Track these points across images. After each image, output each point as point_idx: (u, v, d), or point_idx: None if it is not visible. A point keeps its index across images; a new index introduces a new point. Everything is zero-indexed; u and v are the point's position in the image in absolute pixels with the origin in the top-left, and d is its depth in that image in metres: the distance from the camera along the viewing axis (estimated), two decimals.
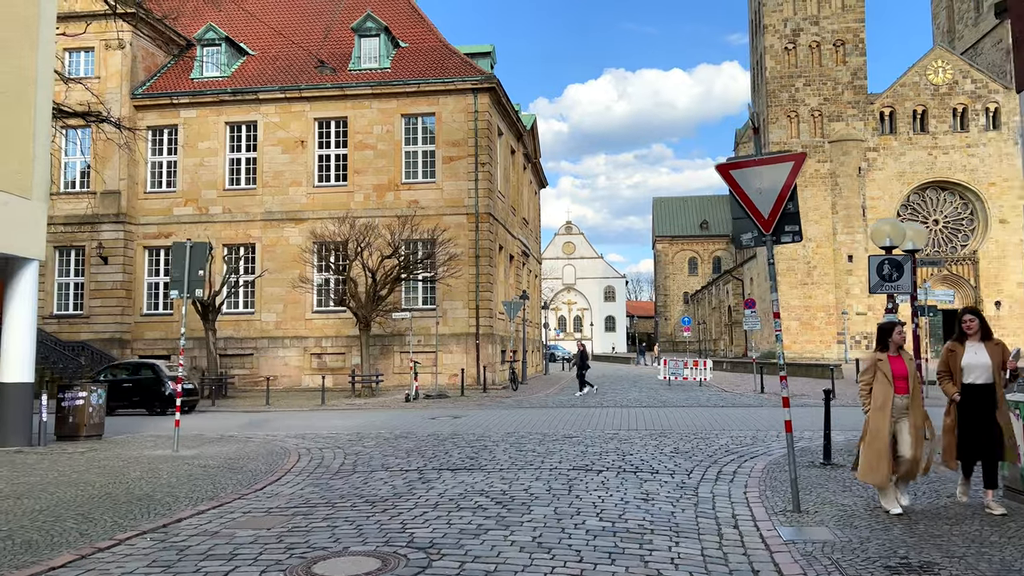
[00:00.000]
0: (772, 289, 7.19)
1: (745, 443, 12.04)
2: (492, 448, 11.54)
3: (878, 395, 6.74)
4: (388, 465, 10.13)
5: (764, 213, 7.24)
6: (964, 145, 61.52)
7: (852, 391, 24.45)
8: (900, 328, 6.94)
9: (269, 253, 28.80)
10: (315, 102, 29.12)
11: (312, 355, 28.39)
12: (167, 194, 29.80)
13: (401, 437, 13.50)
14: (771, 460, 10.13)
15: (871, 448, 6.66)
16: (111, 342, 28.57)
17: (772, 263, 7.30)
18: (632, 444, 11.85)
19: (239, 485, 8.89)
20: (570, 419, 16.55)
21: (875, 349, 7.04)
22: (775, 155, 7.26)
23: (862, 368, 6.98)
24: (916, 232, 12.04)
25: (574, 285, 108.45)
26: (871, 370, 6.90)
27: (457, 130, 28.33)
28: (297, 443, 12.89)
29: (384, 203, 28.21)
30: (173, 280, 12.48)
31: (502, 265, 31.49)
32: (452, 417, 17.38)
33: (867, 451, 6.72)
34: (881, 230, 11.77)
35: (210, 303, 25.20)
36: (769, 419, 16.09)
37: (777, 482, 8.47)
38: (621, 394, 24.91)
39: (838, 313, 60.95)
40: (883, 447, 6.60)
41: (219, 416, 19.53)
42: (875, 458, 6.63)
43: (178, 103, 29.61)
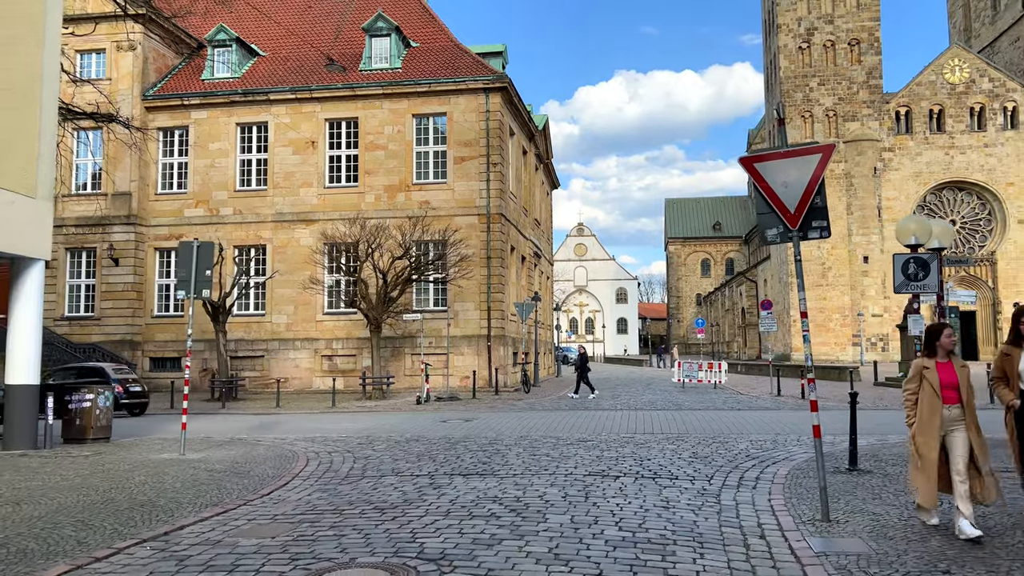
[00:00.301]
0: (799, 288, 6.86)
1: (765, 447, 11.68)
2: (505, 452, 11.24)
3: (924, 408, 6.10)
4: (398, 470, 9.85)
5: (790, 208, 6.91)
6: (981, 145, 60.73)
7: (871, 394, 23.99)
8: (950, 331, 6.28)
9: (280, 254, 28.63)
10: (326, 102, 28.95)
11: (323, 357, 28.19)
12: (178, 195, 29.70)
13: (412, 440, 13.23)
14: (794, 465, 9.78)
15: (919, 466, 6.14)
16: (122, 344, 28.49)
17: (799, 260, 6.97)
18: (649, 448, 11.52)
19: (245, 490, 8.64)
20: (584, 423, 16.22)
21: (921, 354, 6.41)
22: (801, 147, 6.94)
23: (908, 375, 6.35)
24: (942, 230, 11.67)
25: (586, 287, 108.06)
26: (916, 378, 6.22)
27: (468, 130, 28.08)
28: (306, 446, 12.64)
29: (395, 204, 27.99)
30: (180, 280, 12.28)
31: (514, 266, 31.20)
32: (464, 420, 17.10)
33: (914, 469, 6.21)
34: (906, 228, 11.40)
35: (220, 304, 25.04)
36: (788, 422, 15.71)
37: (803, 489, 8.12)
38: (635, 397, 24.55)
39: (853, 315, 60.26)
40: (930, 465, 6.04)
41: (229, 418, 19.34)
42: (924, 479, 6.09)
43: (189, 104, 29.52)
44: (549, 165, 41.09)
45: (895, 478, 8.58)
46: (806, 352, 6.83)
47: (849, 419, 9.41)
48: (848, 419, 14.99)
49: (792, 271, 62.16)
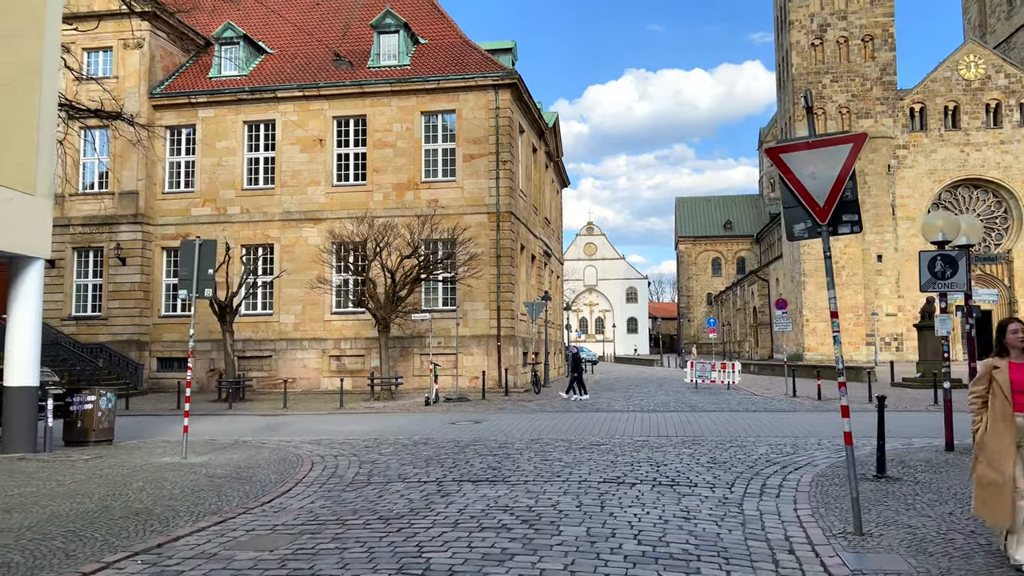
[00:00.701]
0: (829, 286, 6.45)
1: (785, 452, 11.27)
2: (515, 457, 10.87)
3: (995, 413, 5.41)
4: (405, 475, 9.49)
5: (819, 201, 6.51)
6: (997, 142, 59.90)
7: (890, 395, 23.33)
8: (1017, 326, 5.52)
9: (287, 254, 28.36)
10: (333, 100, 28.64)
11: (331, 357, 27.89)
12: (185, 194, 29.47)
13: (420, 444, 12.88)
14: (818, 472, 9.37)
15: (985, 479, 5.45)
16: (129, 344, 28.28)
17: (829, 256, 6.56)
18: (665, 453, 11.13)
19: (245, 497, 8.30)
20: (596, 425, 15.84)
21: (992, 353, 5.65)
22: (831, 136, 6.54)
23: (977, 375, 5.69)
24: (970, 225, 11.21)
25: (596, 286, 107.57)
26: (985, 379, 5.53)
27: (478, 127, 27.71)
28: (311, 450, 12.31)
29: (404, 202, 27.66)
30: (182, 279, 11.97)
31: (524, 265, 30.82)
32: (473, 422, 16.74)
33: (980, 482, 5.52)
34: (933, 224, 10.95)
35: (227, 304, 24.78)
36: (806, 425, 15.27)
37: (830, 498, 7.72)
38: (647, 398, 24.14)
39: (867, 314, 59.56)
40: (1000, 478, 5.31)
41: (236, 419, 19.04)
42: (992, 493, 5.36)
43: (196, 102, 29.28)
44: (559, 163, 40.70)
45: (927, 486, 8.16)
46: (837, 354, 6.42)
47: (877, 423, 9.00)
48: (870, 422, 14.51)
49: (805, 270, 61.53)
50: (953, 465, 9.57)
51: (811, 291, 61.28)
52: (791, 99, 63.51)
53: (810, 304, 60.96)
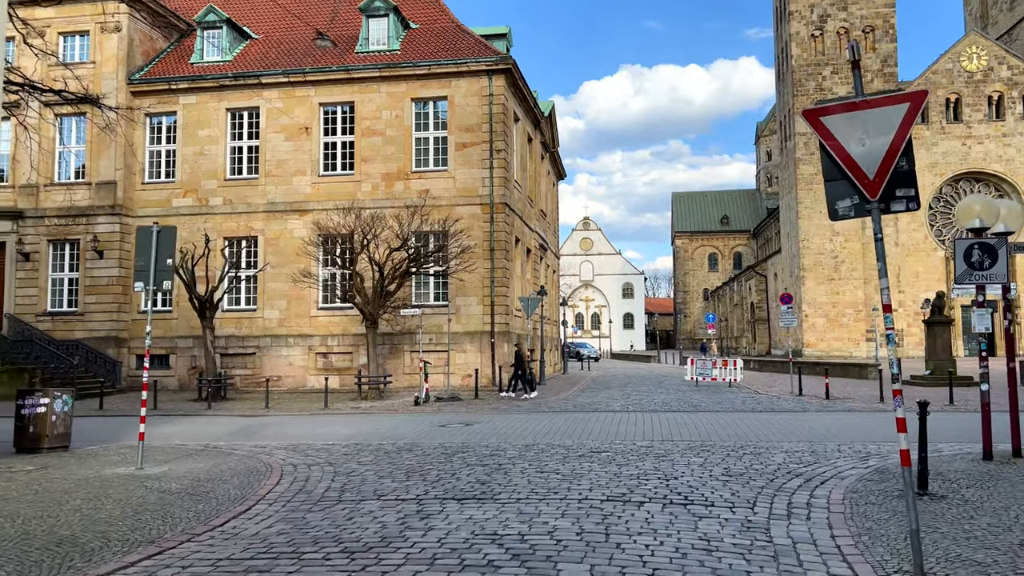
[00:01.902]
0: (881, 273, 5.37)
1: (805, 460, 10.21)
2: (507, 467, 9.78)
3: None
4: (381, 491, 8.40)
5: (868, 173, 5.43)
6: (1000, 134, 58.93)
7: None
8: None
9: (272, 246, 27.20)
10: (320, 86, 27.46)
11: (317, 354, 26.76)
12: (165, 184, 28.27)
13: (404, 450, 11.80)
14: (847, 486, 8.30)
15: None
16: (107, 340, 27.11)
17: (880, 239, 5.48)
18: (673, 463, 10.06)
19: (195, 519, 7.20)
20: (595, 427, 14.77)
21: None
22: (883, 95, 5.45)
23: None
24: (1010, 210, 10.15)
25: (592, 282, 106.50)
26: None
27: (471, 115, 26.57)
28: (285, 457, 11.23)
29: (393, 193, 26.52)
30: (138, 270, 10.86)
31: (519, 259, 29.72)
32: (464, 424, 15.67)
33: None
34: (970, 208, 9.89)
35: (207, 299, 23.64)
36: (820, 427, 14.23)
37: (871, 521, 6.65)
38: (647, 397, 23.08)
39: (867, 310, 58.59)
40: None
41: (213, 421, 17.95)
42: None
43: (176, 88, 28.06)
44: (555, 154, 39.57)
45: (980, 506, 7.10)
46: (890, 356, 5.35)
47: (919, 432, 7.91)
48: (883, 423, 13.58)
49: (804, 264, 60.49)
50: (999, 478, 8.51)
51: (810, 286, 60.31)
52: (791, 91, 62.44)
53: (809, 299, 59.99)
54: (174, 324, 27.48)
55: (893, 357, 5.29)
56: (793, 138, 62.34)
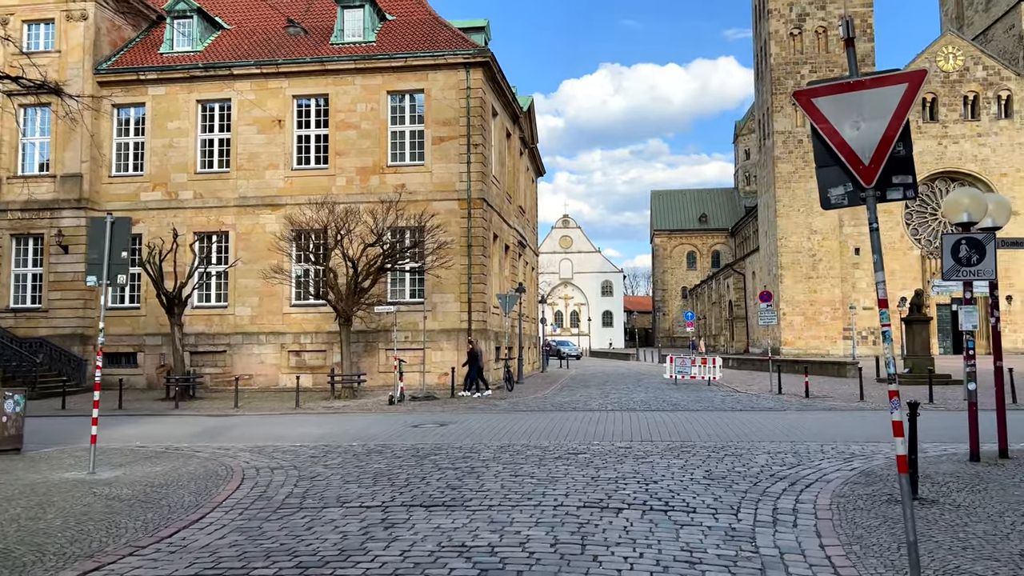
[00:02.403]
0: (877, 267, 5.01)
1: (788, 461, 9.89)
2: (480, 471, 9.35)
3: None
4: (346, 498, 7.94)
5: (863, 158, 5.06)
6: (975, 134, 59.41)
7: (878, 392, 22.34)
8: None
9: (244, 242, 26.53)
10: (293, 78, 26.82)
11: (290, 352, 26.15)
12: (134, 178, 27.49)
13: (374, 452, 11.34)
14: (833, 490, 7.97)
15: None
16: (72, 338, 26.31)
17: (875, 229, 5.12)
18: (653, 465, 9.68)
19: (142, 530, 6.70)
20: (572, 426, 14.39)
21: None
22: (881, 74, 5.09)
23: None
24: (998, 205, 9.88)
25: (571, 280, 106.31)
26: None
27: (448, 108, 26.06)
28: (248, 460, 10.73)
29: (368, 187, 25.95)
30: (91, 264, 10.31)
31: (496, 256, 29.28)
32: (438, 425, 15.23)
33: None
34: (958, 202, 9.60)
35: (176, 296, 22.96)
36: (801, 427, 13.96)
37: (860, 528, 6.31)
38: (626, 395, 22.76)
39: (844, 308, 58.84)
40: None
41: (179, 421, 17.35)
42: None
43: (145, 79, 27.27)
44: (534, 150, 39.15)
45: (973, 512, 6.78)
46: (888, 355, 4.98)
47: (908, 434, 7.58)
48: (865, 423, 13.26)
49: (782, 263, 60.60)
50: (989, 481, 8.22)
51: (788, 284, 60.46)
52: (769, 90, 62.55)
53: (787, 297, 60.14)
54: (142, 321, 26.74)
55: (890, 356, 4.93)
56: (772, 136, 62.45)
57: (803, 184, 60.76)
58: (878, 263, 5.01)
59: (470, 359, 22.81)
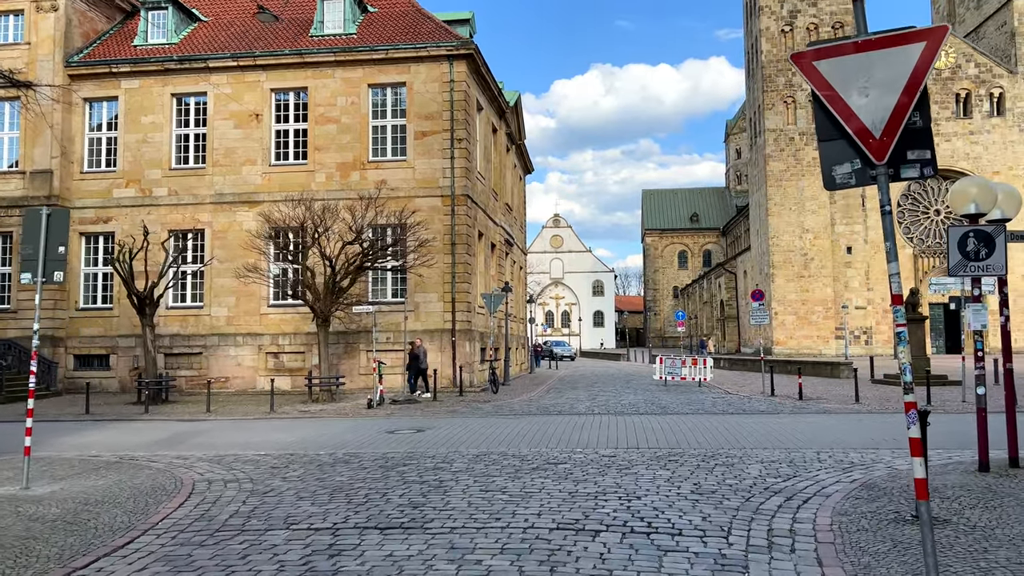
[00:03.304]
0: (889, 257, 4.28)
1: (783, 472, 9.17)
2: (449, 485, 8.59)
3: None
4: (295, 518, 7.16)
5: (874, 130, 4.33)
6: (967, 132, 59.01)
7: (874, 394, 21.69)
8: None
9: (220, 240, 25.68)
10: (271, 71, 25.98)
11: (268, 354, 25.31)
12: (106, 174, 26.59)
13: (340, 462, 10.57)
14: (833, 506, 7.25)
15: None
16: (42, 339, 25.36)
17: (888, 211, 4.39)
18: (637, 476, 8.94)
19: (55, 559, 5.91)
20: (555, 432, 13.64)
21: None
22: (894, 32, 4.36)
23: None
24: (1007, 195, 9.18)
25: (562, 279, 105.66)
26: None
27: (431, 102, 25.28)
28: (204, 471, 9.96)
29: (348, 183, 25.14)
30: (25, 259, 9.52)
31: (482, 254, 28.51)
32: (414, 431, 14.46)
33: None
34: (965, 192, 8.89)
35: (147, 296, 22.10)
36: (795, 432, 13.25)
37: (868, 555, 5.58)
38: (614, 398, 22.03)
39: (836, 307, 58.37)
40: None
41: (145, 427, 16.52)
42: None
43: (118, 72, 26.38)
44: (522, 147, 38.40)
45: (990, 534, 6.06)
46: (903, 360, 4.25)
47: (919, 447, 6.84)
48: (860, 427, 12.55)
49: (773, 262, 60.01)
50: (1004, 495, 7.51)
51: (780, 283, 59.92)
52: (760, 87, 61.98)
53: (779, 297, 59.59)
54: (115, 322, 25.85)
55: (906, 361, 4.19)
56: (763, 134, 61.89)
57: (795, 182, 60.24)
58: (891, 251, 4.28)
59: (411, 360, 22.18)
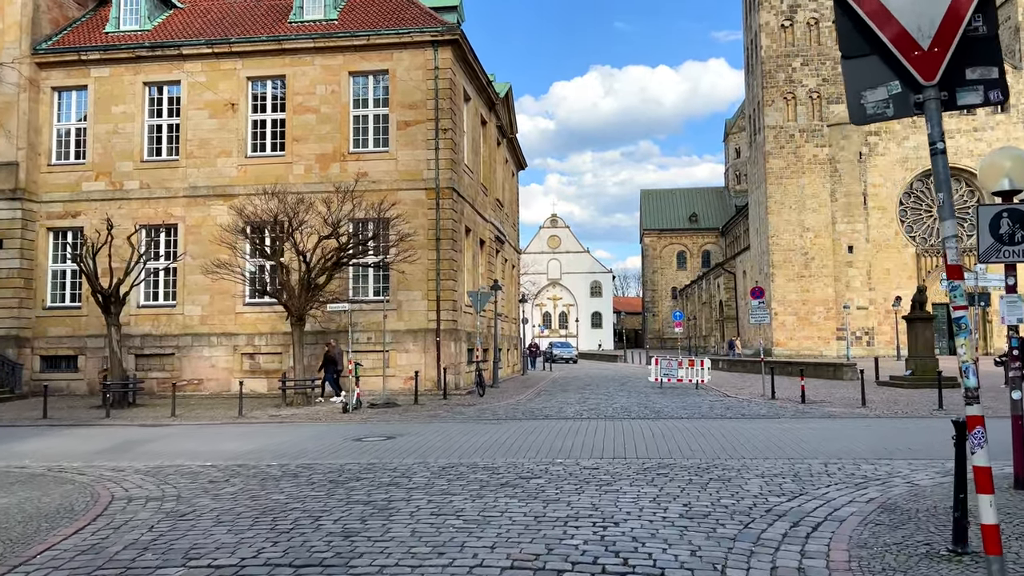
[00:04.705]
0: (944, 213, 3.10)
1: (787, 489, 7.97)
2: (397, 507, 7.36)
3: None
4: (198, 551, 5.94)
5: (920, 37, 3.13)
6: (971, 129, 57.84)
7: (880, 397, 20.49)
8: None
9: (193, 235, 24.47)
10: (248, 58, 24.78)
11: (243, 355, 24.09)
12: (75, 166, 25.38)
13: (288, 475, 9.38)
14: (850, 535, 6.04)
15: None
16: (6, 340, 24.16)
17: (941, 151, 3.19)
18: (619, 495, 7.72)
19: None
20: (536, 440, 12.43)
21: None
22: None
23: None
24: None
25: (559, 280, 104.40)
26: None
27: (415, 90, 24.08)
28: (131, 486, 8.81)
29: (328, 176, 23.92)
30: None
31: (470, 250, 27.29)
32: (384, 438, 13.26)
33: None
34: (998, 165, 7.71)
35: (112, 293, 20.87)
36: (799, 439, 12.05)
37: None
38: (606, 400, 20.82)
39: (838, 307, 57.17)
40: None
41: (99, 434, 15.31)
42: None
43: (88, 59, 25.17)
44: (514, 141, 37.19)
45: None
46: (963, 359, 3.06)
47: (955, 463, 5.64)
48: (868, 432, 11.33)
49: (773, 261, 58.79)
50: None
51: (780, 283, 58.72)
52: (760, 83, 60.84)
53: (779, 297, 58.37)
54: (83, 321, 24.63)
55: (967, 359, 2.99)
56: (762, 131, 60.73)
57: (795, 180, 59.07)
58: (946, 206, 3.08)
59: (325, 361, 21.36)
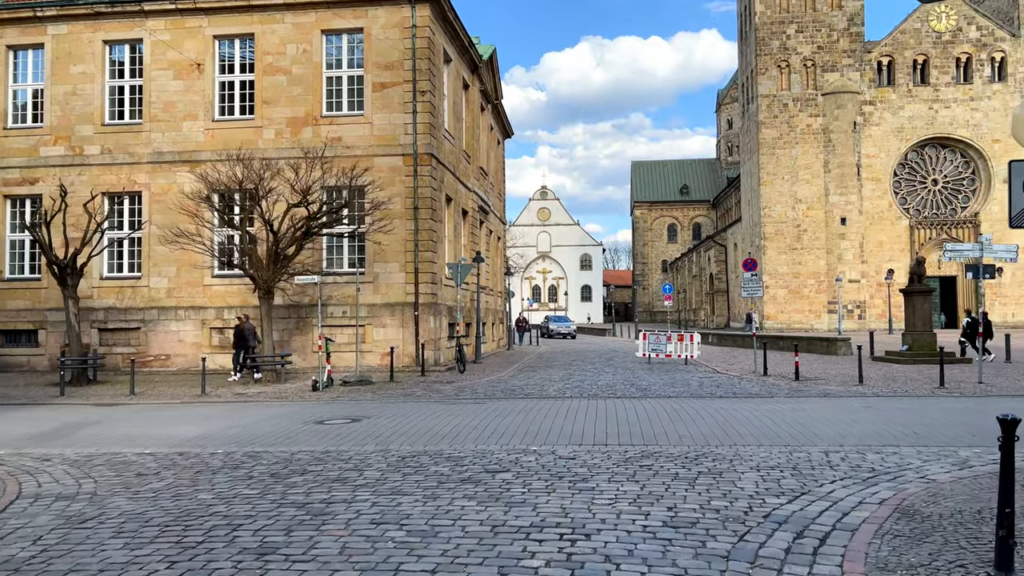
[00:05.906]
0: None
1: (787, 486, 7.00)
2: (335, 510, 6.34)
3: None
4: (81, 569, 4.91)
5: None
6: (967, 98, 56.73)
7: (876, 373, 19.63)
8: None
9: (158, 203, 23.20)
10: (214, 15, 23.33)
11: (212, 329, 22.98)
12: (32, 130, 23.98)
13: (228, 467, 8.38)
14: (865, 551, 5.07)
15: None
16: None
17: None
18: (593, 495, 6.73)
19: None
20: (512, 423, 11.46)
21: None
22: None
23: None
24: None
25: (549, 253, 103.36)
26: None
27: (391, 50, 22.74)
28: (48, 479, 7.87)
29: (300, 140, 22.64)
30: None
31: (451, 221, 26.14)
32: (348, 420, 12.27)
33: None
34: None
35: (68, 264, 19.68)
36: (796, 421, 11.13)
37: None
38: (590, 378, 19.88)
39: (829, 280, 56.38)
40: None
41: (45, 415, 14.24)
42: None
43: (43, 16, 23.67)
44: (499, 107, 35.84)
45: None
46: None
47: (1000, 470, 4.62)
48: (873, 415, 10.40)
49: (765, 233, 57.83)
50: None
51: (771, 256, 57.86)
52: (754, 51, 59.40)
53: (770, 269, 57.53)
54: (43, 294, 23.42)
55: None
56: (756, 100, 59.43)
57: (788, 150, 57.94)
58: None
59: (236, 338, 20.20)
